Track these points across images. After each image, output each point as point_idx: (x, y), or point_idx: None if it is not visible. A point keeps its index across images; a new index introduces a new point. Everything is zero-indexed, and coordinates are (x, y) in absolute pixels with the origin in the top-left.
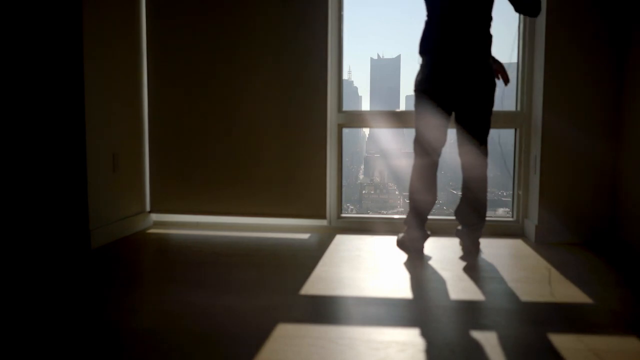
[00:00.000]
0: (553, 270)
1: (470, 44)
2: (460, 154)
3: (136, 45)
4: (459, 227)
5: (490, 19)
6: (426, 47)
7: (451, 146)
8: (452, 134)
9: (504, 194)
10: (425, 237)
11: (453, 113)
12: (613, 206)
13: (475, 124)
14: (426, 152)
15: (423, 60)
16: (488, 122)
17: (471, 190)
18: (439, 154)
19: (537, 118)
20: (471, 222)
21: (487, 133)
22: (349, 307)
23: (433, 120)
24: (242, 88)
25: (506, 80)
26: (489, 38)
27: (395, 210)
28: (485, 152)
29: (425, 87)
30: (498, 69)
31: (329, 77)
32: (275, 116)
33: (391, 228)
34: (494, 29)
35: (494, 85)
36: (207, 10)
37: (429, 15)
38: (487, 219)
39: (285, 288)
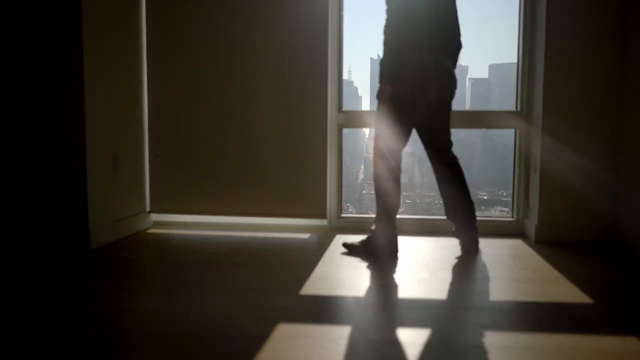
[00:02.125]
0: (551, 269)
1: (435, 55)
2: (435, 169)
3: (137, 45)
4: (454, 228)
5: (457, 27)
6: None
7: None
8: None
9: (504, 194)
10: (396, 235)
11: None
12: (613, 206)
13: (440, 131)
14: (388, 157)
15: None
16: (449, 127)
17: (452, 196)
18: (400, 159)
19: (537, 118)
20: (463, 220)
21: (450, 138)
22: (349, 307)
23: (397, 126)
24: (242, 88)
25: None
26: (455, 47)
27: None
28: (453, 156)
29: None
30: None
31: (329, 77)
32: (275, 116)
33: None
34: (494, 29)
35: (454, 93)
36: (208, 10)
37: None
38: (487, 218)
39: (285, 288)
